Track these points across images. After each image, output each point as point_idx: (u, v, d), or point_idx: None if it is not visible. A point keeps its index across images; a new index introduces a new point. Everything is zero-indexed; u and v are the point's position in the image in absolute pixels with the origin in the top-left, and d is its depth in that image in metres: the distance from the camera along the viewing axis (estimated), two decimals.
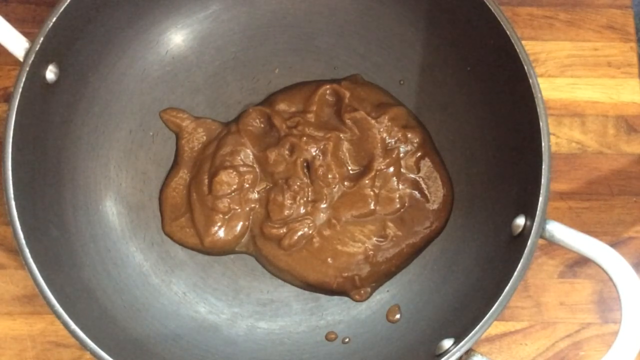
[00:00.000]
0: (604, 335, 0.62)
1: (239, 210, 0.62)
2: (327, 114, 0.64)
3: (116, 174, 0.63)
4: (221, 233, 0.62)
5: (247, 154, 0.63)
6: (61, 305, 0.51)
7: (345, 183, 0.62)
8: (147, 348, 0.57)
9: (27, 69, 0.53)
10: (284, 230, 0.61)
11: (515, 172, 0.57)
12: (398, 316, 0.61)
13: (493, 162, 0.60)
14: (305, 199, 0.62)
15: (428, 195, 0.63)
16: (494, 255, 0.57)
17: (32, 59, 0.53)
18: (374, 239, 0.62)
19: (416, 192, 0.63)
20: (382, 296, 0.62)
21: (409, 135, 0.63)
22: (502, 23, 0.55)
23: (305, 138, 0.62)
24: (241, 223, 0.62)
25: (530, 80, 0.53)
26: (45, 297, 0.52)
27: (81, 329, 0.51)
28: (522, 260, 0.51)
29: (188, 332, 0.60)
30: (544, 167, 0.52)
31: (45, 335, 0.62)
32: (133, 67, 0.64)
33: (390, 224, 0.62)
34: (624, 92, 0.67)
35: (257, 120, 0.64)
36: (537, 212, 0.51)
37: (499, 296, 0.51)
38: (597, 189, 0.65)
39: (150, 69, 0.65)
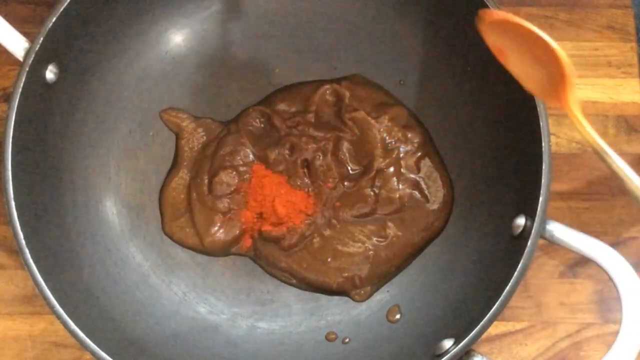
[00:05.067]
0: (604, 335, 0.62)
1: (239, 210, 0.62)
2: (327, 114, 0.64)
3: (116, 174, 0.63)
4: (221, 233, 0.62)
5: (247, 154, 0.63)
6: (61, 305, 0.51)
7: (345, 183, 0.62)
8: (147, 348, 0.57)
9: (27, 69, 0.53)
10: (284, 231, 0.61)
11: (515, 172, 0.57)
12: (398, 316, 0.61)
13: (493, 162, 0.60)
14: None
15: (428, 195, 0.63)
16: (494, 255, 0.57)
17: (32, 59, 0.53)
18: (374, 239, 0.62)
19: (416, 192, 0.63)
20: (382, 296, 0.62)
21: (409, 135, 0.63)
22: None
23: (305, 138, 0.62)
24: (241, 223, 0.62)
25: None
26: (45, 297, 0.52)
27: (81, 329, 0.51)
28: (522, 260, 0.51)
29: (188, 332, 0.60)
30: (544, 167, 0.52)
31: (45, 335, 0.62)
32: (133, 67, 0.64)
33: (390, 224, 0.62)
34: (624, 92, 0.67)
35: (257, 120, 0.64)
36: (538, 212, 0.51)
37: (499, 296, 0.51)
38: (597, 189, 0.65)
39: (150, 69, 0.65)
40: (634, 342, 0.48)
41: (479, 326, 0.51)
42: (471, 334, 0.51)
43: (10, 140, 0.53)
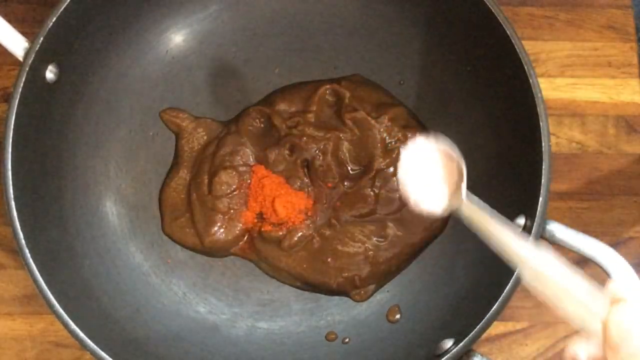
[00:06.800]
0: None
1: (239, 210, 0.62)
2: (327, 114, 0.64)
3: (116, 174, 0.63)
4: (221, 233, 0.62)
5: (247, 154, 0.63)
6: (61, 305, 0.51)
7: (345, 183, 0.62)
8: (147, 348, 0.57)
9: (27, 69, 0.53)
10: (284, 231, 0.61)
11: (515, 172, 0.57)
12: (398, 316, 0.61)
13: (493, 163, 0.60)
14: None
15: None
16: (494, 255, 0.57)
17: (32, 59, 0.53)
18: (374, 239, 0.62)
19: None
20: (382, 296, 0.62)
21: (409, 135, 0.63)
22: (502, 23, 0.55)
23: (305, 138, 0.62)
24: (241, 223, 0.62)
25: (530, 80, 0.53)
26: (45, 297, 0.52)
27: (81, 329, 0.51)
28: None
29: (188, 332, 0.60)
30: (544, 167, 0.52)
31: (45, 335, 0.62)
32: (133, 67, 0.64)
33: (390, 224, 0.62)
34: (624, 92, 0.67)
35: (257, 120, 0.64)
36: (537, 213, 0.51)
37: (499, 296, 0.51)
38: (597, 189, 0.65)
39: (150, 69, 0.65)
40: None
41: (479, 326, 0.51)
42: (471, 334, 0.51)
43: (10, 140, 0.53)
